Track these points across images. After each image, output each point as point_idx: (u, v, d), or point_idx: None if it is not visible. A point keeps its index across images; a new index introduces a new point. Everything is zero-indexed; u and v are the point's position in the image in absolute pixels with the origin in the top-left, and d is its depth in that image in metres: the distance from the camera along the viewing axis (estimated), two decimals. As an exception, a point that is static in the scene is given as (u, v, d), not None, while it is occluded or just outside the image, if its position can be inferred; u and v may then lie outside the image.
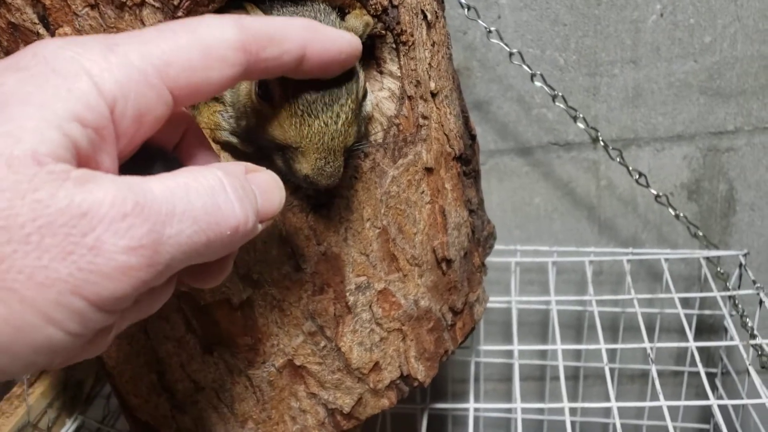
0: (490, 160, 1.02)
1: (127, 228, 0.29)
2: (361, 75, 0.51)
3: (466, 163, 0.67)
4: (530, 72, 0.89)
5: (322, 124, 0.48)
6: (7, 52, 0.47)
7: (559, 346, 0.82)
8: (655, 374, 0.77)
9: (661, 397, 0.74)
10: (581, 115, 0.91)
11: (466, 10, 0.85)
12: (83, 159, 0.31)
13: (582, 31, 0.95)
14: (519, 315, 0.92)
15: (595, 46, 0.96)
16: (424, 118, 0.59)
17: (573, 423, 1.09)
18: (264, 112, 0.49)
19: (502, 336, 1.09)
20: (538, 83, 0.89)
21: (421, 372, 0.63)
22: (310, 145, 0.48)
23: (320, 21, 0.50)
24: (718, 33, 0.94)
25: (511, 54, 0.88)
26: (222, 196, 0.34)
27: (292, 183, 0.52)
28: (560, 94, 0.90)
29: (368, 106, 0.55)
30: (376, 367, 0.61)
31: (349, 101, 0.49)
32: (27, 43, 0.46)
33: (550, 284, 0.95)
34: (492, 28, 0.87)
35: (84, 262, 0.29)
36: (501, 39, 0.87)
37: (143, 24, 0.46)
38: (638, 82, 0.97)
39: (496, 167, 1.03)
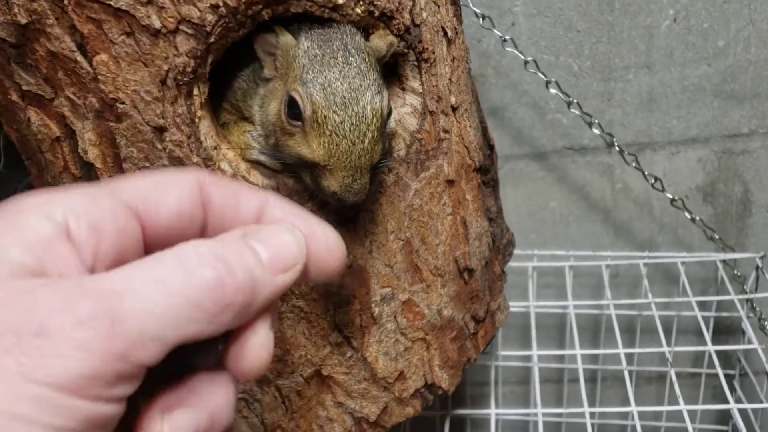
0: (505, 166, 1.03)
1: (73, 304, 0.28)
2: (386, 94, 0.52)
3: (485, 172, 0.68)
4: (545, 79, 0.90)
5: (350, 144, 0.49)
6: (46, 79, 0.49)
7: (578, 351, 0.83)
8: (674, 377, 0.78)
9: (680, 400, 0.75)
10: (596, 121, 0.92)
11: (481, 19, 0.87)
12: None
13: (596, 37, 0.96)
14: (536, 319, 0.93)
15: (608, 51, 0.97)
16: (445, 132, 0.60)
17: (592, 425, 1.10)
18: (292, 131, 0.51)
19: (520, 340, 1.10)
20: (553, 90, 0.90)
21: (445, 380, 0.65)
22: (338, 163, 0.49)
23: (347, 42, 0.52)
24: (732, 37, 0.95)
25: (526, 62, 0.89)
26: (193, 260, 0.31)
27: (320, 199, 0.54)
28: (575, 100, 0.91)
29: (392, 122, 0.56)
30: (401, 376, 0.63)
31: (375, 120, 0.50)
32: (65, 70, 0.48)
33: (568, 288, 0.95)
34: (507, 37, 0.88)
35: (30, 347, 0.27)
36: (516, 47, 0.89)
37: (177, 50, 0.48)
38: (652, 86, 0.98)
39: (511, 172, 1.04)
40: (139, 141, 0.50)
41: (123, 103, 0.49)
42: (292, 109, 0.50)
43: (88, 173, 0.52)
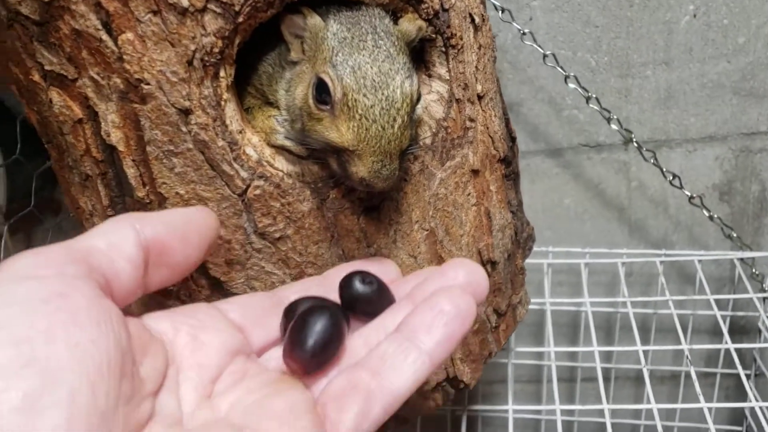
0: (521, 162, 1.02)
1: None
2: (415, 78, 0.51)
3: (507, 164, 0.67)
4: (564, 74, 0.89)
5: (380, 128, 0.48)
6: (69, 58, 0.48)
7: (596, 348, 0.82)
8: (694, 375, 0.77)
9: (701, 398, 0.74)
10: (615, 117, 0.91)
11: (500, 12, 0.86)
12: None
13: (614, 32, 0.95)
14: (548, 317, 0.92)
15: (627, 47, 0.96)
16: (471, 120, 0.59)
17: (603, 424, 1.09)
18: (320, 115, 0.50)
19: (533, 337, 1.09)
20: (571, 85, 0.89)
21: (467, 374, 0.64)
22: (367, 148, 0.48)
23: (375, 25, 0.51)
24: (752, 33, 0.94)
25: (545, 56, 0.88)
26: None
27: (346, 186, 0.53)
28: (594, 95, 0.90)
29: (419, 109, 0.55)
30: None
31: (405, 105, 0.49)
32: (89, 49, 0.47)
33: (584, 286, 0.94)
34: (526, 30, 0.87)
35: None
36: (534, 41, 0.88)
37: (204, 30, 0.47)
38: (670, 83, 0.97)
39: (527, 168, 1.03)
40: (164, 123, 0.49)
41: (148, 83, 0.48)
42: (320, 92, 0.49)
43: (110, 156, 0.51)
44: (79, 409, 0.29)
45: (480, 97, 0.60)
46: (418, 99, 0.52)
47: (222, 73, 0.50)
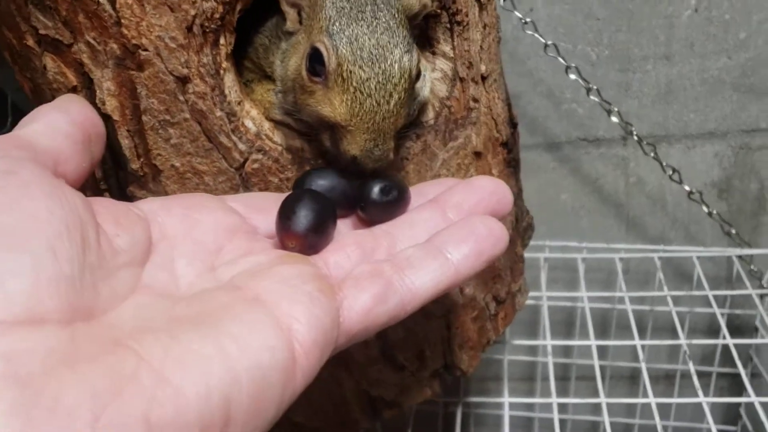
0: (518, 155, 1.01)
1: None
2: (416, 53, 0.50)
3: (509, 150, 0.66)
4: (565, 64, 0.88)
5: (374, 103, 0.47)
6: (65, 22, 0.46)
7: (593, 342, 0.81)
8: (692, 369, 0.76)
9: (700, 393, 0.73)
10: (615, 109, 0.90)
11: (502, 0, 0.85)
12: None
13: (615, 25, 0.94)
14: (544, 311, 0.91)
15: (628, 41, 0.95)
16: (475, 101, 0.58)
17: (597, 423, 1.08)
18: (313, 88, 0.48)
19: (527, 332, 1.08)
20: (572, 76, 0.88)
21: (464, 361, 0.62)
22: (360, 124, 0.47)
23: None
24: (753, 29, 0.93)
25: (546, 46, 0.87)
26: None
27: (340, 165, 0.51)
28: (594, 87, 0.89)
29: (425, 91, 0.54)
30: (420, 355, 0.60)
31: (403, 80, 0.48)
32: (86, 12, 0.45)
33: (581, 281, 0.93)
34: (527, 19, 0.86)
35: None
36: (536, 30, 0.87)
37: (206, -7, 0.45)
38: (671, 78, 0.96)
39: (524, 162, 1.01)
40: (161, 92, 0.47)
41: (146, 49, 0.46)
42: (314, 63, 0.47)
43: (105, 126, 0.49)
44: (44, 274, 0.29)
45: (484, 78, 0.59)
46: (418, 76, 0.50)
47: (222, 41, 0.48)
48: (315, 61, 0.47)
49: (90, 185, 0.53)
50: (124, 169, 0.51)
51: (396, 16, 0.49)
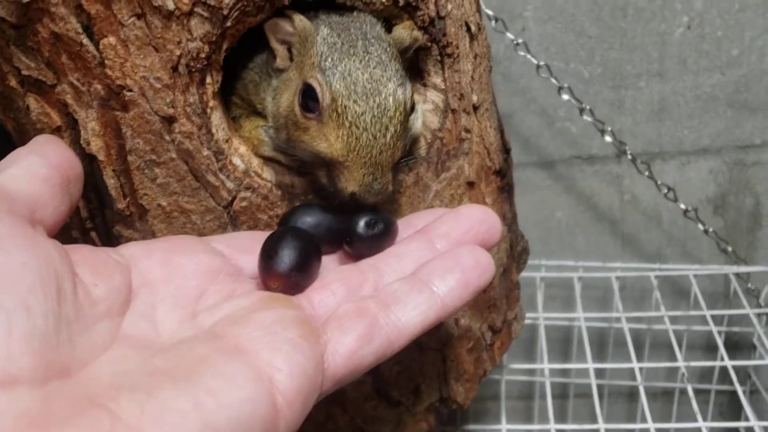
0: (512, 174, 1.00)
1: None
2: (409, 86, 0.49)
3: (502, 177, 0.66)
4: (558, 85, 0.87)
5: (371, 137, 0.46)
6: (48, 63, 0.45)
7: (591, 365, 0.80)
8: (691, 393, 0.75)
9: (699, 417, 0.72)
10: (609, 128, 0.90)
11: (493, 22, 0.84)
12: None
13: (608, 43, 0.94)
14: (541, 331, 0.90)
15: (620, 58, 0.94)
16: (467, 131, 0.57)
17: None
18: (307, 124, 0.47)
19: (524, 353, 1.07)
20: (565, 96, 0.88)
21: (461, 394, 0.61)
22: (357, 159, 0.46)
23: (366, 31, 0.49)
24: (746, 46, 0.93)
25: (538, 66, 0.86)
26: None
27: (338, 201, 0.50)
28: (588, 106, 0.88)
29: (418, 125, 0.53)
30: (416, 389, 0.59)
31: (398, 113, 0.47)
32: (69, 53, 0.45)
33: (577, 300, 0.93)
34: (519, 40, 0.85)
35: None
36: (528, 51, 0.86)
37: (191, 34, 0.44)
38: (664, 95, 0.96)
39: (518, 180, 1.00)
40: (146, 132, 0.47)
41: (130, 90, 0.45)
42: (307, 99, 0.47)
43: (90, 166, 0.49)
44: (17, 331, 0.28)
45: (475, 108, 0.58)
46: (412, 108, 0.50)
47: (208, 80, 0.47)
48: (308, 97, 0.47)
49: (76, 225, 0.52)
50: (110, 209, 0.50)
51: (388, 50, 0.49)
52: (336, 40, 0.48)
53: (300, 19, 0.49)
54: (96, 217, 0.51)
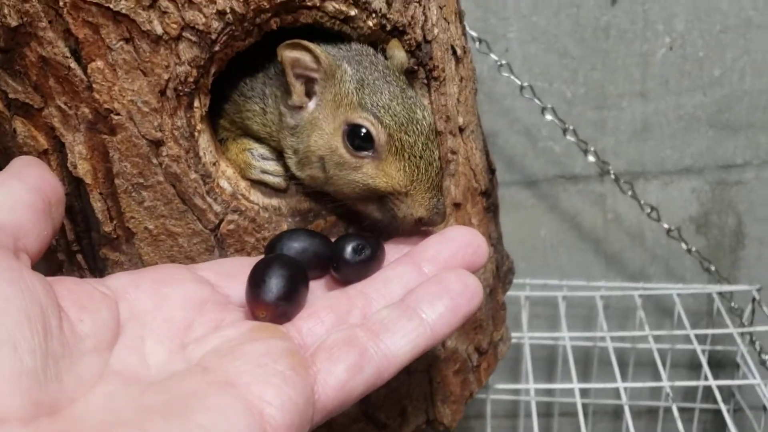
0: (497, 193, 1.01)
1: None
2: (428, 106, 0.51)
3: (488, 197, 0.66)
4: (541, 105, 0.88)
5: (427, 163, 0.47)
6: (35, 87, 0.45)
7: (576, 385, 0.80)
8: (675, 413, 0.76)
9: (684, 436, 0.73)
10: (592, 149, 0.91)
11: (477, 43, 0.85)
12: None
13: (590, 64, 0.95)
14: (526, 351, 0.90)
15: (603, 79, 0.96)
16: (453, 153, 0.57)
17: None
18: (359, 164, 0.48)
19: (509, 372, 1.07)
20: (548, 116, 0.88)
21: (447, 416, 0.61)
22: (419, 186, 0.47)
23: (375, 62, 0.50)
24: (728, 66, 0.94)
25: (522, 87, 0.87)
26: None
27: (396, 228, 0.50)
28: (571, 127, 0.89)
29: None
30: (402, 412, 0.59)
31: (432, 132, 0.49)
32: (56, 77, 0.45)
33: (562, 319, 0.93)
34: (503, 62, 0.86)
35: None
36: (512, 72, 0.87)
37: (179, 58, 0.44)
38: (646, 115, 0.97)
39: (502, 199, 1.00)
40: (134, 155, 0.47)
41: (118, 114, 0.45)
42: (356, 139, 0.47)
43: (77, 189, 0.49)
44: (4, 370, 0.28)
45: (461, 130, 0.58)
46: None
47: (196, 103, 0.47)
48: (355, 136, 0.47)
49: (62, 247, 0.52)
50: (97, 231, 0.50)
51: (399, 76, 0.50)
52: (362, 76, 0.48)
53: (326, 56, 0.48)
54: (82, 239, 0.51)
